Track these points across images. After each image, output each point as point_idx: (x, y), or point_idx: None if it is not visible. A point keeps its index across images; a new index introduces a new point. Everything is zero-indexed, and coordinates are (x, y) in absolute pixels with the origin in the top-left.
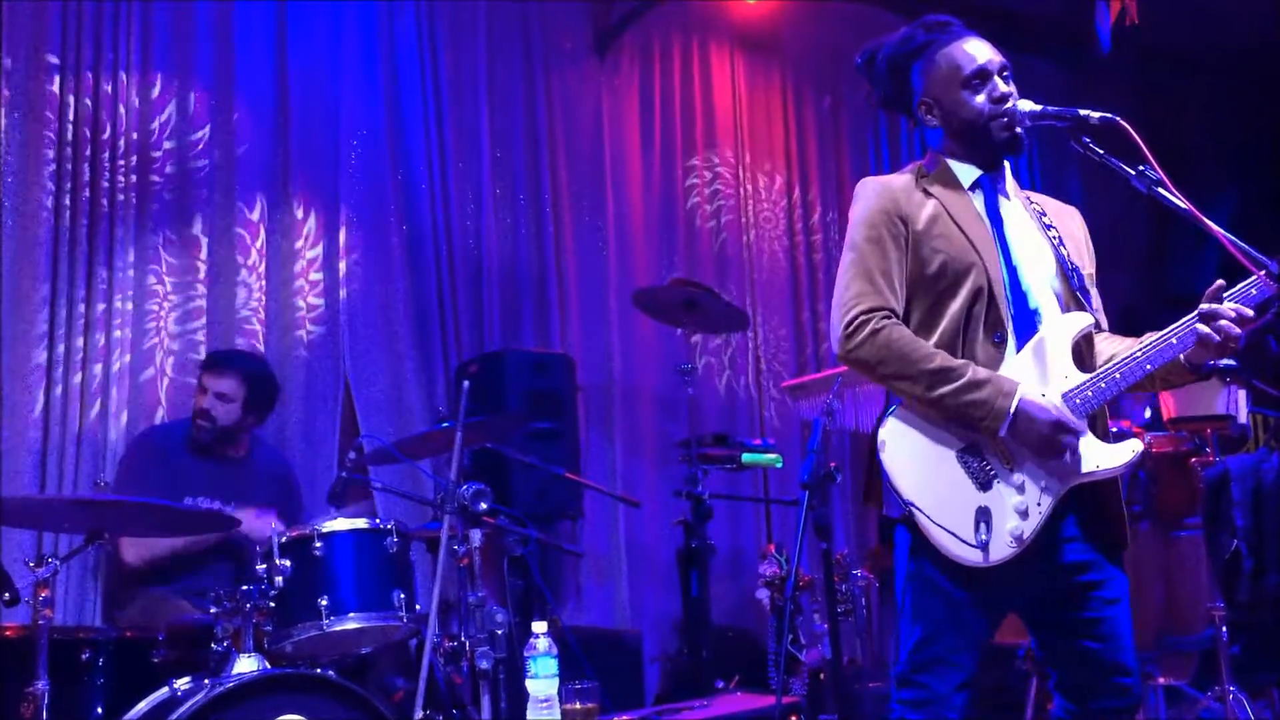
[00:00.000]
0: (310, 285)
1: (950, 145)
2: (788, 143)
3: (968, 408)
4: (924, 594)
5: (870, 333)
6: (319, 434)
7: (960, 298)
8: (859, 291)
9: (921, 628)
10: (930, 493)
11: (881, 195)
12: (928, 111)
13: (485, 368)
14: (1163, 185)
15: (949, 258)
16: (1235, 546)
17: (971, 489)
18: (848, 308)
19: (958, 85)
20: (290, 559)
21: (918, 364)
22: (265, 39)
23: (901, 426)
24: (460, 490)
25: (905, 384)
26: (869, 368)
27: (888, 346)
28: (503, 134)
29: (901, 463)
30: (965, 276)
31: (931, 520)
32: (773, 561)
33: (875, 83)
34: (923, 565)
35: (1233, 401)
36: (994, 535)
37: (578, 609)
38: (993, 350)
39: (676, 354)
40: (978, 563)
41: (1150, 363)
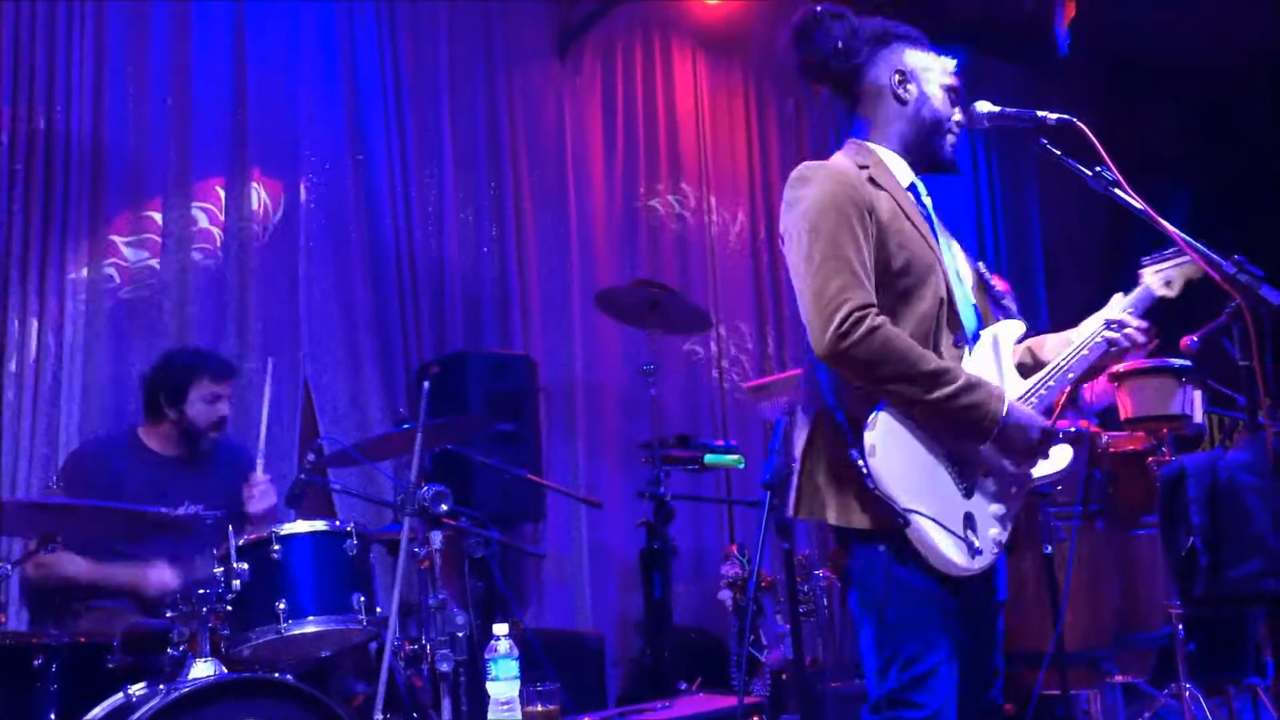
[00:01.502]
0: (269, 288)
1: (898, 133)
2: (750, 143)
3: (966, 411)
4: (912, 607)
5: (867, 331)
6: (278, 436)
7: (926, 298)
8: (845, 285)
9: (913, 643)
10: (926, 498)
11: (840, 181)
12: (902, 83)
13: (446, 369)
14: (1118, 186)
15: (912, 255)
16: (1191, 543)
17: (959, 495)
18: (835, 302)
19: (940, 85)
20: (248, 562)
21: (916, 365)
22: (222, 40)
23: (891, 429)
24: (420, 492)
25: (904, 386)
26: (865, 368)
27: (886, 346)
28: (464, 135)
29: (894, 468)
30: (928, 276)
31: (936, 524)
32: (735, 562)
33: (835, 35)
34: (909, 577)
35: (1189, 402)
36: (981, 540)
37: (540, 611)
38: (956, 353)
39: (639, 355)
40: (969, 568)
41: (1073, 371)
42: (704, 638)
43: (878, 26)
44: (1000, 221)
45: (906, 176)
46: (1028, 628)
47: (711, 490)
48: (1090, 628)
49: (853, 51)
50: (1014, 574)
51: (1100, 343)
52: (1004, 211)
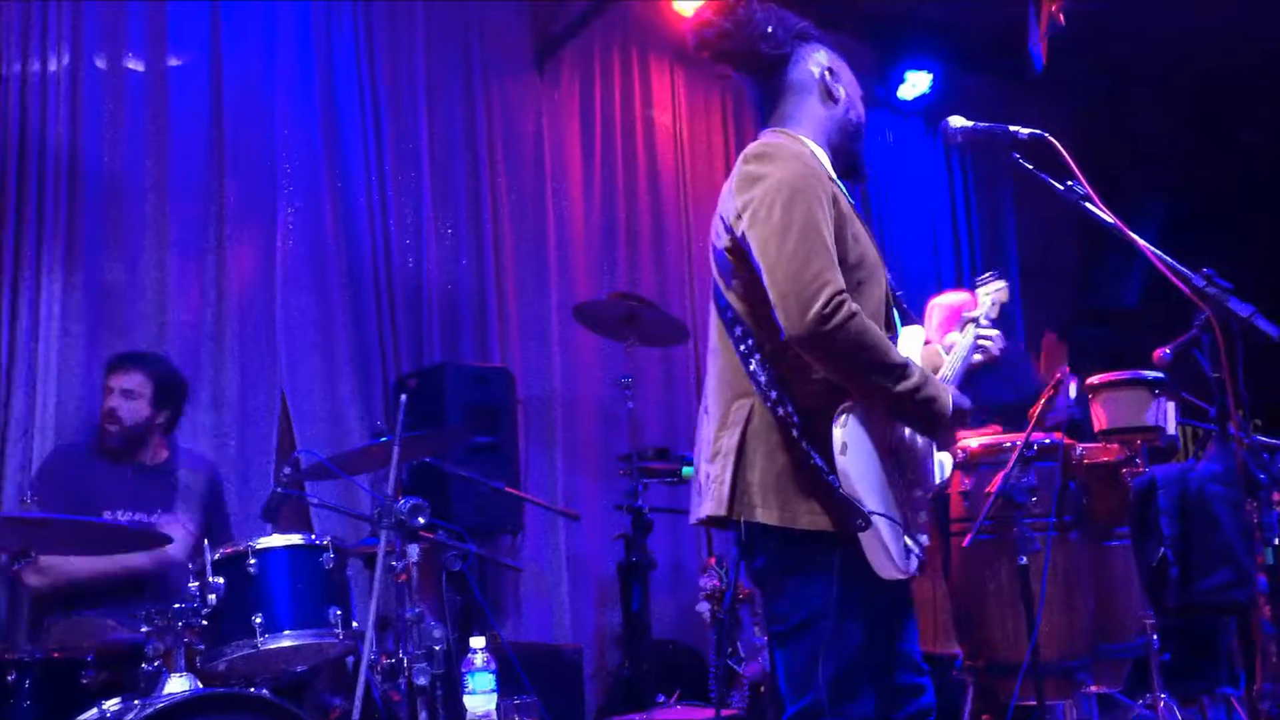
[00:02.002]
0: (246, 298)
1: (826, 129)
2: (728, 155)
3: (928, 403)
4: (848, 617)
5: (848, 315)
6: (254, 449)
7: (875, 295)
8: (824, 267)
9: (845, 654)
10: (885, 499)
11: (807, 163)
12: (833, 78)
13: (424, 382)
14: (1089, 200)
15: (865, 249)
16: (1162, 554)
17: (901, 496)
18: (818, 283)
19: (859, 92)
20: (223, 576)
21: (888, 354)
22: (199, 52)
23: (858, 429)
24: (397, 505)
25: (876, 376)
26: (841, 356)
27: (865, 333)
28: (442, 147)
29: (859, 468)
30: (876, 272)
31: (892, 524)
32: (713, 574)
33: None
34: (850, 586)
35: (1162, 413)
36: (914, 544)
37: (518, 624)
38: None
39: (617, 367)
40: (908, 571)
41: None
42: (682, 650)
43: (798, 24)
44: (976, 226)
45: (832, 172)
46: (1003, 639)
47: (689, 502)
48: (1065, 638)
49: (780, 41)
50: (988, 585)
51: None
52: (979, 216)
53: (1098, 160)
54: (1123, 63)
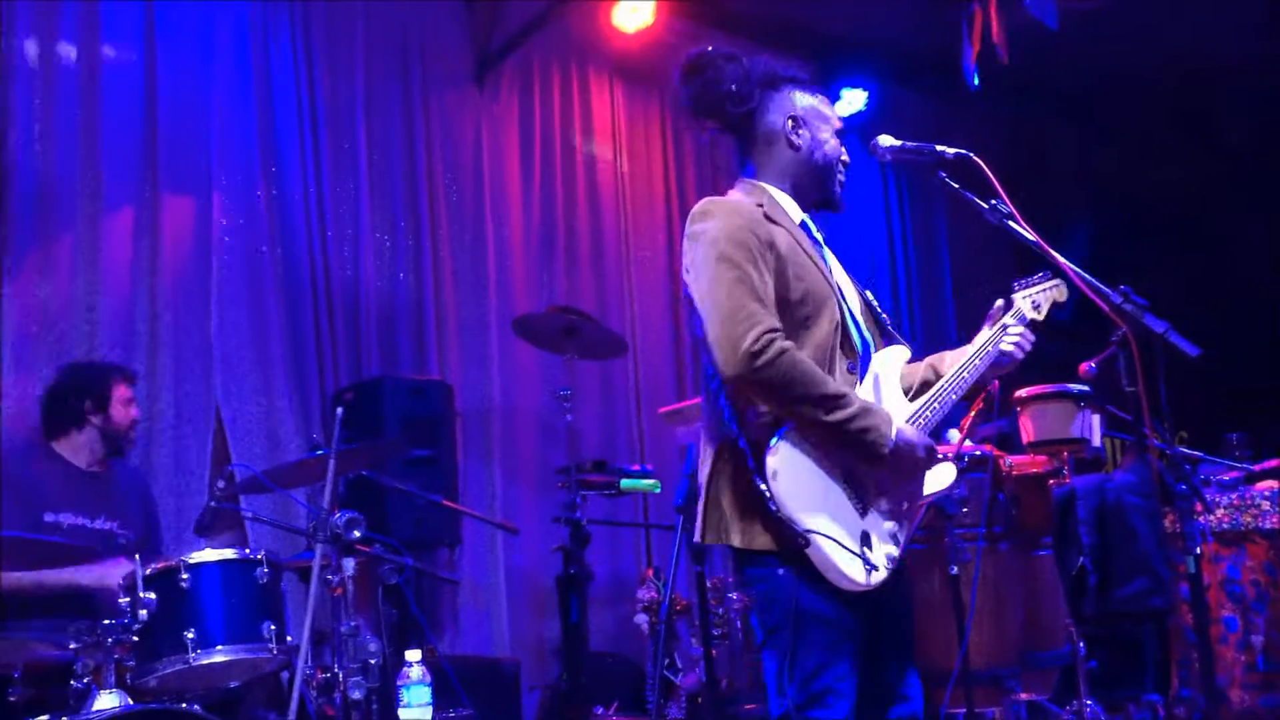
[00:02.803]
0: (180, 310)
1: (789, 174)
2: (666, 170)
3: (863, 433)
4: (809, 628)
5: (778, 352)
6: (188, 463)
7: (822, 327)
8: (754, 310)
9: (809, 662)
10: (825, 519)
11: (742, 215)
12: (794, 128)
13: (362, 395)
14: (1012, 218)
15: (809, 287)
16: (1081, 563)
17: (854, 514)
18: (746, 325)
19: (830, 126)
20: (155, 591)
21: (820, 387)
22: (133, 59)
23: (792, 454)
24: (333, 519)
25: (808, 408)
26: (773, 389)
27: (794, 368)
28: (381, 159)
29: (794, 491)
30: (824, 306)
31: (835, 543)
32: (651, 586)
33: (728, 79)
34: (806, 598)
35: (1087, 426)
36: (876, 558)
37: (456, 637)
38: (850, 379)
39: (556, 380)
40: (866, 585)
41: (970, 376)
42: (621, 662)
43: (767, 69)
44: (910, 243)
45: (797, 214)
46: (934, 647)
47: (628, 515)
48: (995, 647)
49: (746, 96)
50: (921, 595)
51: (992, 351)
52: (914, 233)
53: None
54: (1055, 82)
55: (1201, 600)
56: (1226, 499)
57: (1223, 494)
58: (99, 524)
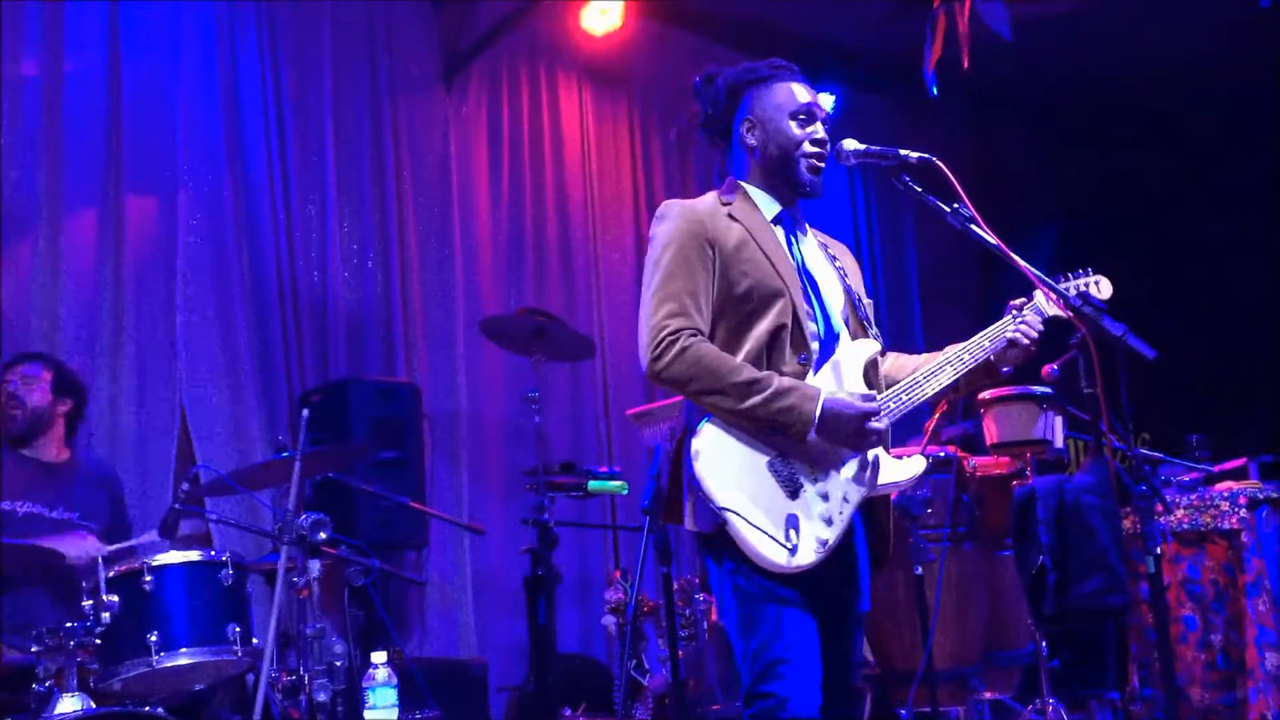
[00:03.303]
0: (145, 313)
1: (757, 172)
2: (635, 172)
3: (777, 415)
4: (749, 605)
5: (679, 350)
6: (153, 465)
7: (767, 320)
8: (668, 312)
9: (754, 639)
10: (743, 498)
11: (688, 217)
12: (749, 130)
13: (329, 397)
14: (974, 222)
15: (756, 282)
16: (1040, 562)
17: (781, 496)
18: (656, 329)
19: (785, 113)
20: (118, 594)
21: (726, 377)
22: (97, 60)
23: (716, 436)
24: (299, 520)
25: (716, 398)
26: (680, 385)
27: (697, 363)
28: (348, 160)
29: (716, 472)
30: (772, 301)
31: (748, 523)
32: (618, 587)
33: (705, 100)
34: (743, 577)
35: (1049, 427)
36: (802, 540)
37: (423, 639)
38: (798, 370)
39: (524, 382)
40: (787, 567)
41: (974, 359)
42: (588, 663)
43: (732, 79)
44: (878, 246)
45: (772, 209)
46: (899, 647)
47: (596, 516)
48: (959, 646)
49: (720, 113)
50: (885, 595)
51: (1003, 338)
52: (881, 237)
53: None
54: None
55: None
56: (1186, 500)
57: (1183, 495)
58: (57, 514)
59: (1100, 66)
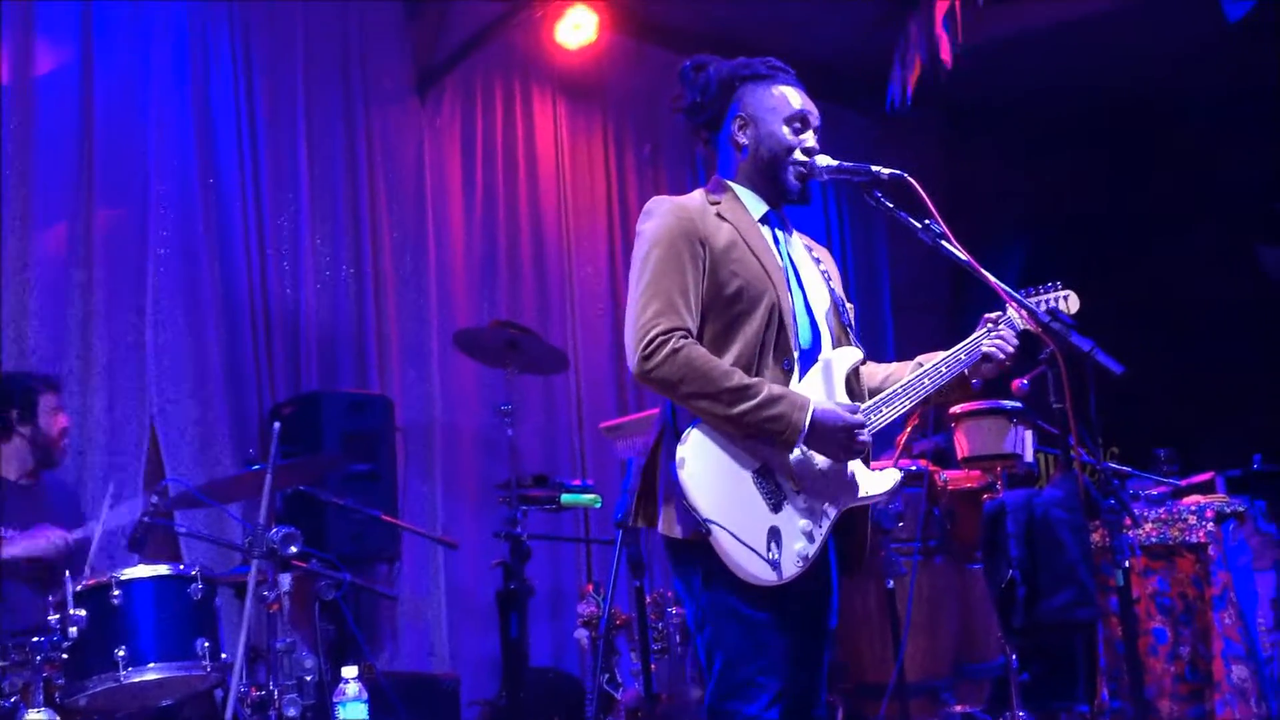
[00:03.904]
0: (116, 324)
1: (745, 172)
2: (609, 186)
3: (767, 423)
4: (722, 620)
5: (670, 352)
6: (122, 478)
7: (755, 322)
8: (657, 311)
9: (723, 655)
10: (729, 511)
11: (679, 215)
12: (741, 128)
13: (300, 409)
14: (945, 238)
15: (745, 282)
16: (1010, 575)
17: (765, 509)
18: (646, 328)
19: (780, 116)
20: (85, 608)
21: (717, 381)
22: (69, 72)
23: (702, 444)
24: (269, 534)
25: (706, 402)
26: (669, 386)
27: (688, 365)
28: (322, 172)
29: (700, 480)
30: (760, 302)
31: (733, 536)
32: (591, 601)
33: (695, 88)
34: (718, 592)
35: (1019, 441)
36: (784, 555)
37: (395, 653)
38: (781, 376)
39: (497, 395)
40: (771, 580)
41: (950, 372)
42: (561, 677)
43: (726, 72)
44: (851, 260)
45: (759, 209)
46: (870, 660)
47: (570, 529)
48: (930, 659)
49: (709, 101)
50: (857, 608)
51: (978, 352)
52: (854, 250)
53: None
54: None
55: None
56: (1154, 513)
57: (1151, 509)
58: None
59: (1072, 81)
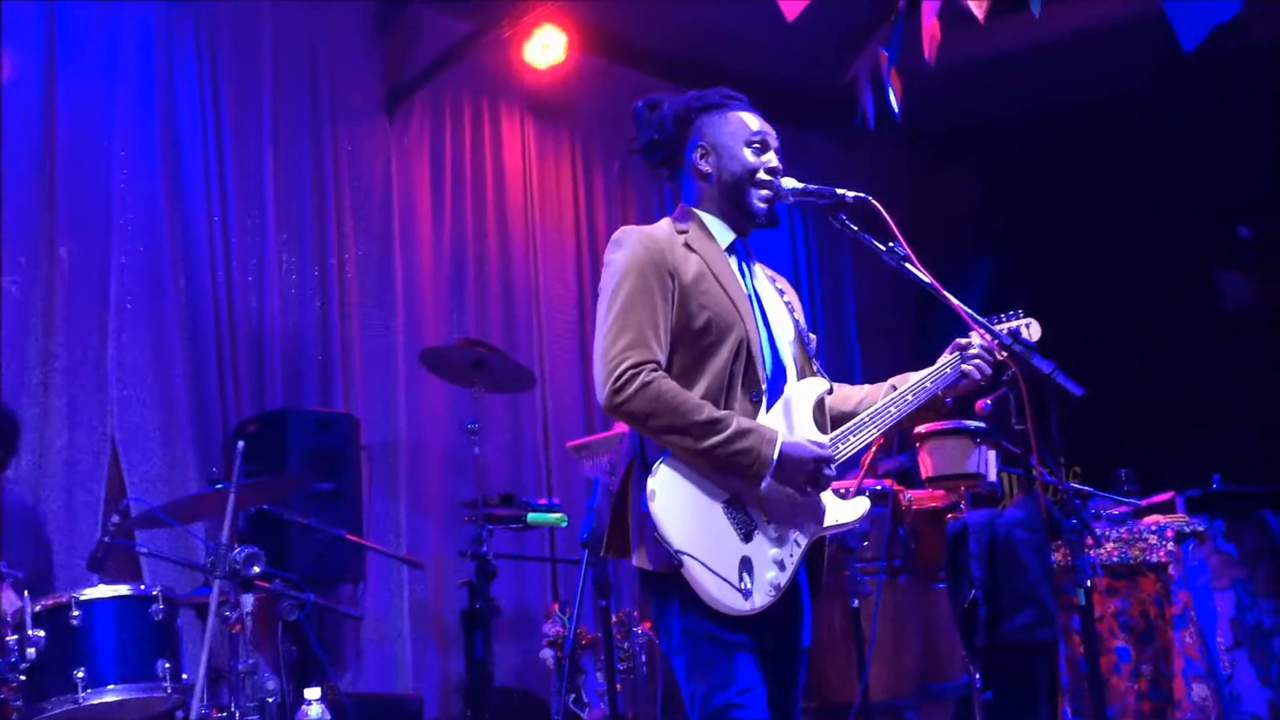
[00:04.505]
0: (77, 340)
1: (711, 199)
2: (577, 206)
3: (736, 456)
4: (699, 647)
5: (641, 386)
6: (81, 497)
7: (723, 355)
8: (628, 344)
9: (704, 682)
10: (700, 542)
11: (648, 246)
12: (703, 156)
13: (265, 427)
14: (909, 261)
15: (714, 315)
16: (972, 596)
17: (735, 539)
18: (616, 361)
19: (740, 140)
20: (44, 629)
21: (687, 415)
22: (31, 87)
23: (671, 477)
24: (232, 554)
25: (676, 436)
26: (639, 420)
27: (658, 399)
28: (288, 190)
29: (671, 512)
30: (728, 334)
31: (704, 566)
32: (557, 620)
33: (650, 126)
34: (695, 620)
35: (983, 461)
36: (756, 584)
37: (358, 673)
38: (750, 408)
39: (464, 413)
40: (743, 610)
41: (916, 399)
42: (526, 697)
43: (681, 106)
44: (817, 281)
45: (726, 238)
46: (835, 679)
47: (535, 549)
48: (894, 678)
49: (666, 137)
50: (822, 628)
51: (950, 373)
52: (820, 271)
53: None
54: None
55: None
56: (1116, 533)
57: (1112, 528)
58: None
59: (1036, 104)
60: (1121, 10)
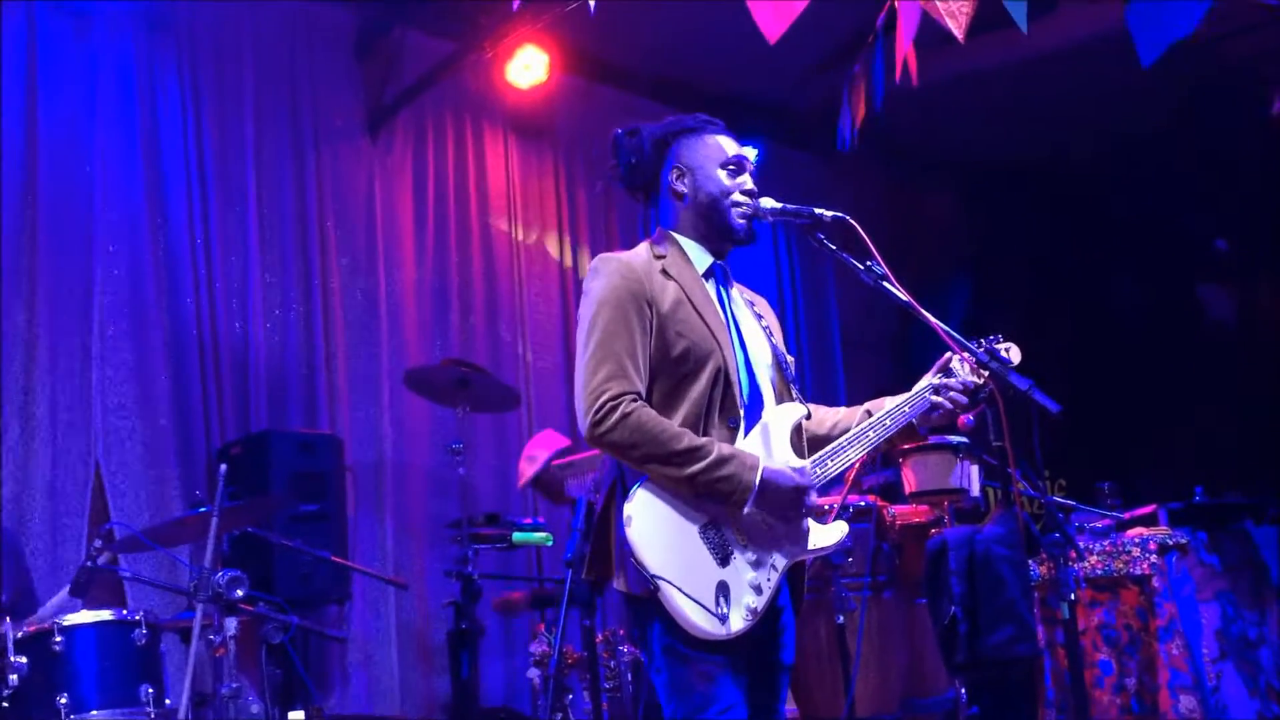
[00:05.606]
0: (60, 363)
1: (688, 220)
2: (560, 225)
3: (718, 483)
4: (680, 670)
5: (621, 416)
6: (64, 522)
7: (701, 382)
8: (608, 374)
9: (685, 705)
10: (676, 566)
11: (625, 275)
12: (679, 177)
13: (248, 450)
14: (887, 279)
15: (691, 343)
16: (952, 612)
17: (712, 564)
18: (597, 392)
19: (715, 163)
20: (26, 655)
21: (668, 444)
22: (13, 110)
23: (648, 501)
24: (215, 577)
25: (658, 465)
26: (622, 450)
27: (639, 429)
28: (271, 211)
29: (648, 537)
30: (706, 362)
31: (680, 591)
32: (543, 640)
33: (628, 152)
34: (673, 642)
35: (965, 476)
36: (732, 607)
37: (344, 696)
38: (727, 434)
39: (449, 433)
40: (719, 635)
41: (893, 425)
42: (513, 717)
43: (659, 131)
44: (800, 298)
45: (704, 262)
46: (821, 696)
47: (521, 568)
48: (880, 693)
49: (644, 162)
50: (808, 644)
51: (923, 402)
52: (803, 288)
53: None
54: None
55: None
56: (1099, 546)
57: (1095, 541)
58: None
59: (1015, 123)
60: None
